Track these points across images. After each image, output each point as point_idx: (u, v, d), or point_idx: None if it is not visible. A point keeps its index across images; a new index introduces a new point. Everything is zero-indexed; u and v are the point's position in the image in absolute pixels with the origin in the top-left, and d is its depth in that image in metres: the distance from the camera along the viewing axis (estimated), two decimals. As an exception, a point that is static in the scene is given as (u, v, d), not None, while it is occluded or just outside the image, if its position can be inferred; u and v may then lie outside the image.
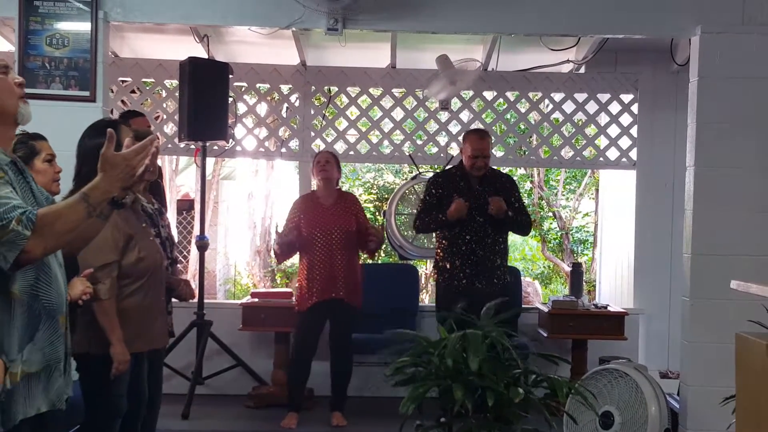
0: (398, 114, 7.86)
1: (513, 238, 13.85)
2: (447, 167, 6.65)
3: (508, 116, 7.67)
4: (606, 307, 7.01)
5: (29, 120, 2.82)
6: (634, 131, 7.48)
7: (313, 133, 7.65)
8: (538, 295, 11.52)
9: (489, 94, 7.66)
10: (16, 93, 2.75)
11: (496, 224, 5.94)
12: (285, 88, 7.63)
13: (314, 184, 6.52)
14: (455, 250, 5.95)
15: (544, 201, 13.00)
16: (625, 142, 7.50)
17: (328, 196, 6.27)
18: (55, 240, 2.55)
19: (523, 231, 6.28)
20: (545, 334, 6.85)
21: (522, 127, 7.73)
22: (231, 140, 7.27)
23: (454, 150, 7.42)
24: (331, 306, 6.15)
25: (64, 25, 5.29)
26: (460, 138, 8.06)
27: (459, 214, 5.85)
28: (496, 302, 4.32)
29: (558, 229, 13.00)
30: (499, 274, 6.01)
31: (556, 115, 7.73)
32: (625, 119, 7.51)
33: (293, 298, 6.60)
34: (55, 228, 2.53)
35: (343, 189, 6.82)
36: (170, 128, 7.45)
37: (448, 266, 5.98)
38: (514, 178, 7.46)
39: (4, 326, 2.61)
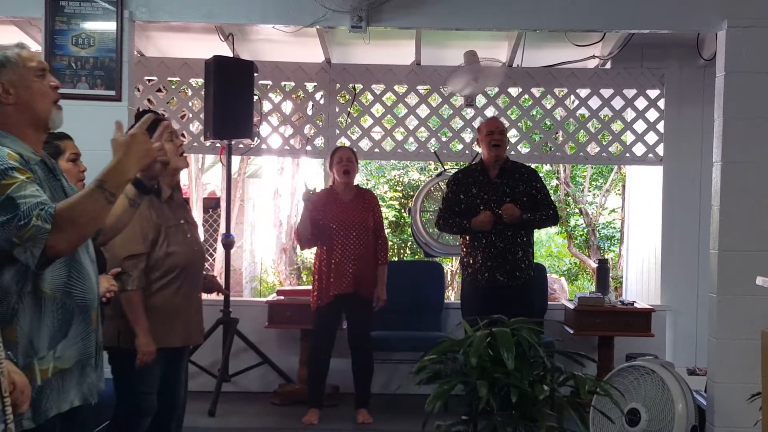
0: (423, 111, 7.85)
1: (538, 234, 13.87)
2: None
3: (534, 112, 7.65)
4: (633, 304, 6.98)
5: (60, 126, 2.85)
6: (660, 127, 7.43)
7: (338, 131, 7.65)
8: (564, 291, 11.47)
9: (514, 91, 7.63)
10: (50, 97, 2.79)
11: (517, 225, 5.88)
12: (310, 86, 7.64)
13: (331, 178, 6.51)
14: (476, 244, 5.91)
15: (570, 197, 12.96)
16: (651, 138, 7.46)
17: (347, 192, 6.27)
18: (77, 231, 2.57)
19: (549, 225, 6.23)
20: (571, 331, 6.82)
21: (548, 123, 7.72)
22: (256, 138, 7.29)
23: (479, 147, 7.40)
24: (346, 301, 6.15)
25: (89, 25, 5.32)
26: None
27: (482, 226, 5.82)
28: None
29: (584, 225, 12.96)
30: (522, 268, 5.89)
31: (582, 110, 7.70)
32: (652, 115, 7.46)
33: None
34: (75, 219, 2.54)
35: (368, 186, 6.83)
36: (196, 127, 7.48)
37: (470, 261, 5.96)
38: (540, 174, 7.41)
39: (33, 325, 2.63)
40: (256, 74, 6.82)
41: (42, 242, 2.48)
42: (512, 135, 7.61)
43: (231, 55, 7.01)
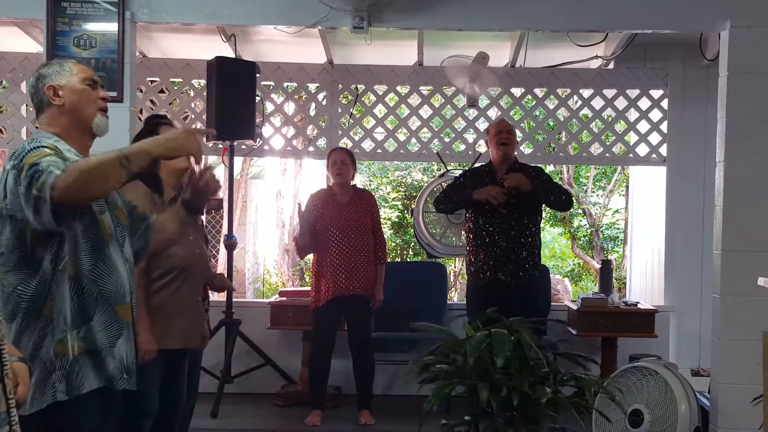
0: (426, 112, 7.84)
1: (542, 234, 13.88)
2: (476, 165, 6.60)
3: (537, 113, 7.63)
4: (636, 305, 6.96)
5: (105, 132, 3.03)
6: (663, 127, 7.41)
7: (340, 132, 7.65)
8: (567, 292, 11.45)
9: (517, 91, 7.62)
10: (96, 104, 2.98)
11: (527, 204, 5.80)
12: (312, 87, 7.63)
13: (330, 179, 6.53)
14: (479, 242, 5.90)
15: (573, 198, 12.93)
16: (654, 138, 7.44)
17: (344, 193, 6.28)
18: (80, 180, 2.65)
19: (562, 202, 5.97)
20: (574, 332, 6.81)
21: (551, 123, 7.69)
22: (258, 139, 7.28)
23: (483, 147, 7.39)
24: (346, 302, 6.15)
25: (91, 26, 5.31)
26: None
27: (484, 196, 5.75)
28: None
29: (588, 226, 12.94)
30: (527, 268, 5.87)
31: (585, 111, 7.68)
32: (655, 115, 7.44)
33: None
34: (83, 170, 2.67)
35: (371, 187, 6.82)
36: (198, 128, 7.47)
37: (473, 260, 5.94)
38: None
39: (66, 301, 2.82)
40: (258, 75, 6.81)
41: (50, 186, 2.63)
42: (515, 135, 7.58)
43: (233, 56, 7.01)
